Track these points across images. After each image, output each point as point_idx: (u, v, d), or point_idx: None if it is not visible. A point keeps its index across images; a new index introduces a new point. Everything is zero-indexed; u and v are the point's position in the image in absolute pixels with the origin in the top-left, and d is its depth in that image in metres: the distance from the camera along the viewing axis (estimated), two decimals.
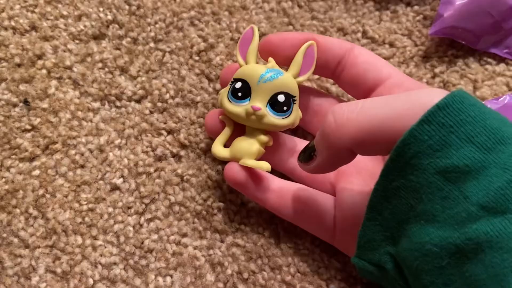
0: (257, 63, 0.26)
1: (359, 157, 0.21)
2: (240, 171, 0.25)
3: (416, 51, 0.32)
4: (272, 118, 0.24)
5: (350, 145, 0.20)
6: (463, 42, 0.31)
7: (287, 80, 0.25)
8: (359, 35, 0.33)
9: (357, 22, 0.33)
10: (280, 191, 0.26)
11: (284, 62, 0.26)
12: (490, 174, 0.17)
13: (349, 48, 0.26)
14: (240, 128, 0.26)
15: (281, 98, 0.24)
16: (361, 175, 0.26)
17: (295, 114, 0.25)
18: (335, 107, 0.20)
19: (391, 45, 0.32)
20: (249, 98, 0.25)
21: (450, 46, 0.32)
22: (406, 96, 0.19)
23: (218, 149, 0.26)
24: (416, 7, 0.33)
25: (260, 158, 0.26)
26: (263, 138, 0.25)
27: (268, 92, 0.24)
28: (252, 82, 0.24)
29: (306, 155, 0.23)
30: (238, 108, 0.25)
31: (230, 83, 0.25)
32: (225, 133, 0.26)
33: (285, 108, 0.24)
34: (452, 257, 0.17)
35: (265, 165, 0.25)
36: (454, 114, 0.18)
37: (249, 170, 0.25)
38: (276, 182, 0.27)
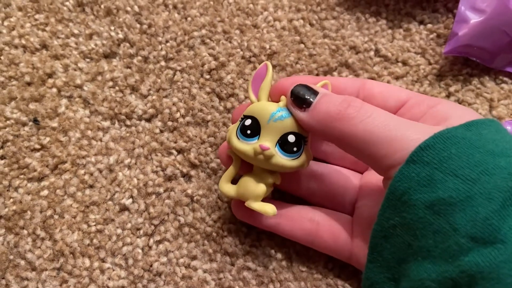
0: (269, 101, 0.25)
1: (378, 178, 0.22)
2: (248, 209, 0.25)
3: (430, 69, 0.32)
4: (281, 158, 0.23)
5: (339, 138, 0.21)
6: (478, 60, 0.31)
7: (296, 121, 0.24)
8: (372, 53, 0.32)
9: (369, 40, 0.32)
10: (291, 215, 0.26)
11: None
12: (475, 205, 0.18)
13: (362, 83, 0.26)
14: (249, 164, 0.25)
15: (291, 138, 0.23)
16: (381, 192, 0.25)
17: (306, 156, 0.24)
18: (353, 99, 0.22)
19: (404, 63, 0.32)
20: (258, 136, 0.23)
21: (465, 64, 0.32)
22: (399, 129, 0.20)
23: (224, 186, 0.25)
24: (429, 25, 0.33)
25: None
26: (270, 179, 0.24)
27: (278, 132, 0.23)
28: (262, 120, 0.23)
29: (300, 101, 0.23)
30: (246, 146, 0.23)
31: (240, 119, 0.24)
32: (232, 169, 0.26)
33: (295, 149, 0.23)
34: None
35: (270, 210, 0.24)
36: (436, 152, 0.19)
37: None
38: (285, 207, 0.26)
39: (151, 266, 0.27)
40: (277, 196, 0.28)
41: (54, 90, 0.30)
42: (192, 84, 0.31)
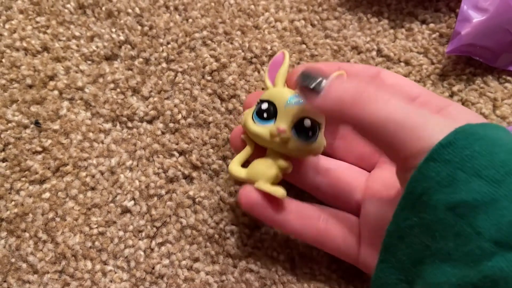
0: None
1: (388, 175, 0.22)
2: (256, 194, 0.24)
3: (432, 69, 0.31)
4: (296, 142, 0.23)
5: (353, 123, 0.20)
6: (481, 60, 0.31)
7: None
8: (374, 53, 0.32)
9: (371, 41, 0.32)
10: (300, 212, 0.25)
11: None
12: (500, 208, 0.17)
13: (376, 72, 0.25)
14: (261, 150, 0.25)
15: (307, 123, 0.23)
16: (388, 193, 0.25)
17: (320, 142, 0.24)
18: (367, 84, 0.20)
19: (407, 63, 0.32)
20: (274, 119, 0.24)
21: (468, 64, 0.31)
22: (420, 122, 0.19)
23: (235, 168, 0.25)
24: (431, 25, 0.32)
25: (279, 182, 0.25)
26: (283, 163, 0.24)
27: (294, 116, 0.23)
28: (279, 104, 0.24)
29: (310, 83, 0.21)
30: (262, 129, 0.24)
31: (256, 103, 0.24)
32: (245, 152, 0.25)
33: (310, 133, 0.23)
34: None
35: (280, 192, 0.24)
36: (459, 150, 0.18)
37: (266, 193, 0.24)
38: (294, 204, 0.25)
39: (153, 268, 0.27)
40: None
41: (56, 92, 0.30)
42: (193, 85, 0.31)
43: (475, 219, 0.17)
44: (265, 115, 0.24)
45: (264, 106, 0.24)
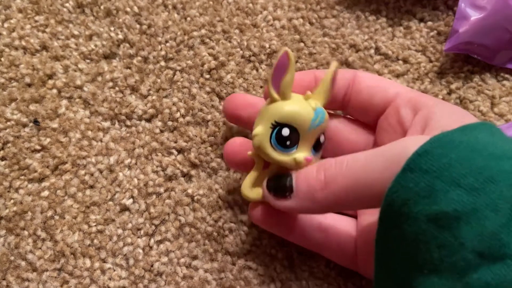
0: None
1: (373, 219, 0.21)
2: (267, 212, 0.24)
3: (431, 67, 0.31)
4: (315, 161, 0.22)
5: (334, 203, 0.20)
6: (479, 57, 0.31)
7: (327, 117, 0.23)
8: (372, 51, 0.32)
9: (369, 39, 0.32)
10: (303, 225, 0.25)
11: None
12: (482, 217, 0.16)
13: (352, 75, 0.25)
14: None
15: (322, 138, 0.23)
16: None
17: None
18: (325, 163, 0.21)
19: (405, 61, 0.32)
20: (296, 145, 0.22)
21: (466, 62, 0.31)
22: (382, 151, 0.19)
23: (251, 193, 0.24)
24: (429, 23, 0.33)
25: None
26: None
27: (315, 136, 0.22)
28: (302, 129, 0.22)
29: (279, 190, 0.22)
30: (286, 158, 0.22)
31: (271, 125, 0.22)
32: (255, 173, 0.24)
33: (321, 147, 0.23)
34: None
35: None
36: (436, 159, 0.17)
37: (275, 210, 0.23)
38: (297, 220, 0.25)
39: (152, 266, 0.27)
40: None
41: (54, 91, 0.30)
42: (192, 83, 0.31)
43: (458, 230, 0.17)
44: (288, 143, 0.22)
45: (286, 132, 0.22)
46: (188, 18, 0.32)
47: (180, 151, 0.29)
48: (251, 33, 0.32)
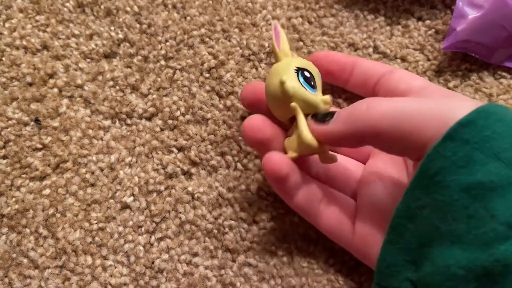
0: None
1: (382, 165, 0.22)
2: (283, 164, 0.23)
3: (428, 65, 0.32)
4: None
5: (370, 129, 0.20)
6: (476, 56, 0.31)
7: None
8: (370, 50, 0.32)
9: (368, 37, 0.33)
10: (309, 188, 0.25)
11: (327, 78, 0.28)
12: None
13: (389, 70, 0.26)
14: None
15: None
16: (383, 183, 0.25)
17: None
18: (374, 98, 0.21)
19: (403, 60, 0.32)
20: (316, 88, 0.24)
21: (463, 60, 0.32)
22: (430, 106, 0.19)
23: (312, 137, 0.23)
24: (427, 22, 0.33)
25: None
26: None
27: (320, 82, 0.25)
28: (315, 73, 0.24)
29: (322, 117, 0.22)
30: (316, 98, 0.23)
31: (294, 70, 0.23)
32: (304, 119, 0.24)
33: None
34: (479, 280, 0.16)
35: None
36: (478, 130, 0.17)
37: (289, 163, 0.23)
38: (305, 180, 0.25)
39: (152, 263, 0.27)
40: None
41: (55, 90, 0.30)
42: (192, 82, 0.31)
43: (490, 202, 0.17)
44: (312, 83, 0.23)
45: (308, 73, 0.24)
46: (188, 18, 0.33)
47: (180, 149, 0.30)
48: (250, 32, 0.32)
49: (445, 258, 0.18)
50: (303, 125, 0.23)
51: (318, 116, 0.23)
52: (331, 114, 0.22)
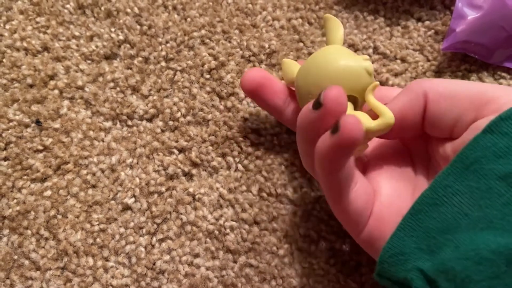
0: None
1: (387, 158, 0.22)
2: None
3: (428, 66, 0.32)
4: None
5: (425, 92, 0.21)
6: (476, 56, 0.31)
7: None
8: (370, 51, 0.32)
9: (368, 38, 0.33)
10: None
11: None
12: None
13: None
14: None
15: None
16: (388, 174, 0.24)
17: None
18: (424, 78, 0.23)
19: (403, 60, 0.32)
20: None
21: (463, 60, 0.32)
22: (471, 92, 0.20)
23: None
24: (427, 22, 0.33)
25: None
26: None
27: None
28: None
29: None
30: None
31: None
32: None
33: None
34: (510, 265, 0.17)
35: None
36: None
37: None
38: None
39: (154, 264, 0.27)
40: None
41: (56, 91, 0.30)
42: (192, 83, 0.31)
43: None
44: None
45: None
46: (188, 19, 0.33)
47: (181, 150, 0.30)
48: (250, 33, 0.32)
49: (473, 243, 0.18)
50: (380, 105, 0.23)
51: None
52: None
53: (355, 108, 0.24)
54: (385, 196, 0.23)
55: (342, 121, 0.20)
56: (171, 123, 0.30)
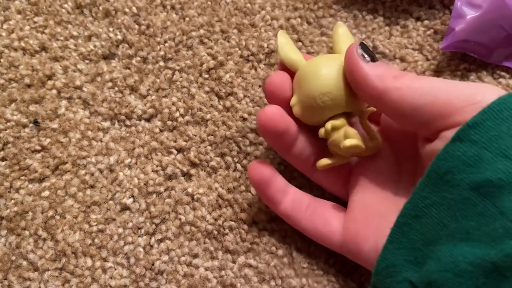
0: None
1: (371, 171, 0.22)
2: (266, 168, 0.25)
3: (428, 65, 0.32)
4: None
5: (394, 93, 0.20)
6: (475, 55, 0.31)
7: None
8: None
9: (367, 38, 0.33)
10: (295, 196, 0.26)
11: None
12: None
13: None
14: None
15: None
16: (375, 181, 0.25)
17: None
18: (407, 72, 0.21)
19: (402, 60, 0.32)
20: None
21: (462, 60, 0.32)
22: (458, 89, 0.19)
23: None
24: (426, 22, 0.33)
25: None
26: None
27: None
28: None
29: (369, 51, 0.22)
30: None
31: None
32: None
33: None
34: (488, 276, 0.17)
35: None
36: (485, 131, 0.18)
37: (273, 169, 0.25)
38: (293, 190, 0.26)
39: (152, 264, 0.27)
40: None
41: (54, 91, 0.30)
42: (191, 83, 0.31)
43: (499, 199, 0.17)
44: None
45: None
46: (187, 18, 0.32)
47: (179, 150, 0.30)
48: (249, 32, 0.32)
49: (453, 255, 0.18)
50: (373, 129, 0.24)
51: (366, 49, 0.22)
52: (374, 56, 0.22)
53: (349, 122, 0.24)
54: (360, 207, 0.24)
55: (249, 166, 0.25)
56: (169, 123, 0.30)
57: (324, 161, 0.24)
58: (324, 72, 0.23)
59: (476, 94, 0.19)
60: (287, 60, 0.25)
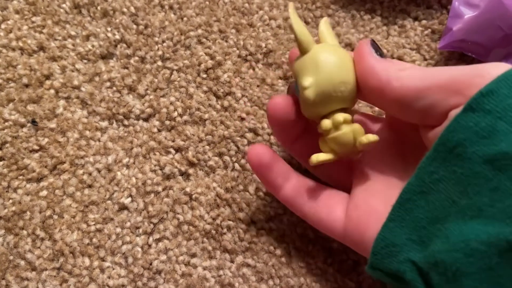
0: None
1: (376, 160, 0.21)
2: (266, 152, 0.24)
3: (425, 65, 0.32)
4: None
5: (399, 86, 0.19)
6: (473, 55, 0.31)
7: None
8: None
9: (364, 37, 0.33)
10: (298, 181, 0.24)
11: None
12: None
13: None
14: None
15: None
16: (380, 171, 0.24)
17: None
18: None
19: (400, 59, 0.32)
20: None
21: (460, 59, 0.32)
22: (462, 71, 0.18)
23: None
24: (424, 21, 0.33)
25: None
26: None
27: None
28: None
29: (378, 47, 0.21)
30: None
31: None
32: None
33: None
34: (503, 256, 0.15)
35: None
36: (500, 99, 0.16)
37: (274, 152, 0.24)
38: (295, 174, 0.25)
39: (150, 264, 0.27)
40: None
41: (52, 91, 0.30)
42: (189, 83, 0.31)
43: None
44: None
45: None
46: (185, 18, 0.32)
47: (177, 150, 0.30)
48: (247, 32, 0.32)
49: (463, 233, 0.16)
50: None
51: (377, 45, 0.22)
52: (382, 52, 0.22)
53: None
54: (363, 195, 0.23)
55: (248, 149, 0.23)
56: (167, 122, 0.30)
57: (322, 156, 0.23)
58: (346, 61, 0.22)
59: (482, 69, 0.18)
60: (302, 37, 0.22)
